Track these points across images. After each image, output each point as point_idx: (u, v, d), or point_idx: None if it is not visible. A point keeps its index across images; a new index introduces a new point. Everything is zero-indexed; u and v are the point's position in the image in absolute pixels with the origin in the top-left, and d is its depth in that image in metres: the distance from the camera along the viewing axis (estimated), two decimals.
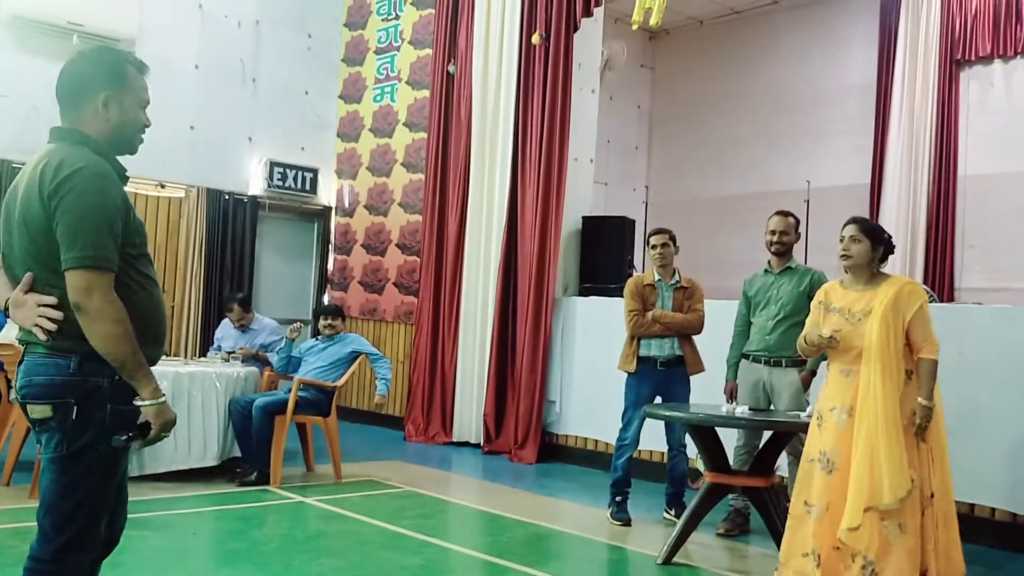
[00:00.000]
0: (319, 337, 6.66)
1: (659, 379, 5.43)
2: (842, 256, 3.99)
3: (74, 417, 2.25)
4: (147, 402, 2.28)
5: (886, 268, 4.13)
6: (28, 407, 2.29)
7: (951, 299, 9.01)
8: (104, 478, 2.32)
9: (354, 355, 6.49)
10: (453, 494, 6.43)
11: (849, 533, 3.67)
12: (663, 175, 11.98)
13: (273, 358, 6.75)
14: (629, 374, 5.48)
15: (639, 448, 5.68)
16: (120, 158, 2.44)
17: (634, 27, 7.19)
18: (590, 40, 8.19)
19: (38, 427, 2.31)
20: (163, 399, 2.31)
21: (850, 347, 3.87)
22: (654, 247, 5.47)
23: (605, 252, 7.84)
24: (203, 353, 8.15)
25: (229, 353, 6.86)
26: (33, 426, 2.33)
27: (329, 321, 6.60)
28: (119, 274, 2.27)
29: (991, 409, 5.10)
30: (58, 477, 2.27)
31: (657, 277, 5.49)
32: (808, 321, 4.19)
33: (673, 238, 5.52)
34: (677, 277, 5.50)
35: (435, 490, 6.22)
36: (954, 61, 9.47)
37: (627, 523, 5.36)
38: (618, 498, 5.44)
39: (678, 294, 5.46)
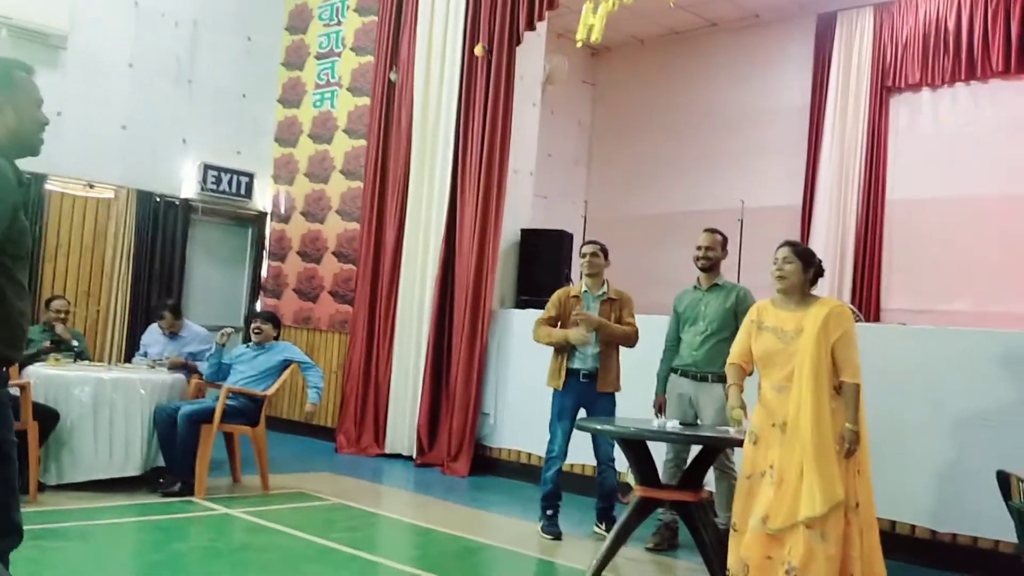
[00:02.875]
0: (250, 344, 6.52)
1: (581, 391, 5.43)
2: (777, 277, 4.11)
3: None
4: None
5: (816, 289, 4.25)
6: None
7: (877, 319, 9.26)
8: None
9: (285, 363, 6.37)
10: (384, 507, 6.36)
11: (778, 532, 3.80)
12: (602, 190, 12.09)
13: (202, 367, 6.59)
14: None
15: (570, 462, 5.69)
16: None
17: (578, 44, 7.24)
18: (533, 54, 8.23)
19: None
20: None
21: (784, 364, 3.99)
22: (584, 255, 5.56)
23: (543, 265, 7.86)
24: (128, 359, 7.92)
25: (155, 360, 6.69)
26: None
27: (258, 324, 6.47)
28: None
29: (913, 427, 5.24)
30: None
31: (584, 288, 5.55)
32: (737, 337, 4.31)
33: (604, 250, 5.58)
34: (605, 288, 5.54)
35: (365, 503, 6.14)
36: (885, 87, 9.77)
37: (557, 537, 5.36)
38: (548, 511, 5.44)
39: (605, 306, 5.50)
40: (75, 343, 6.56)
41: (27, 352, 6.27)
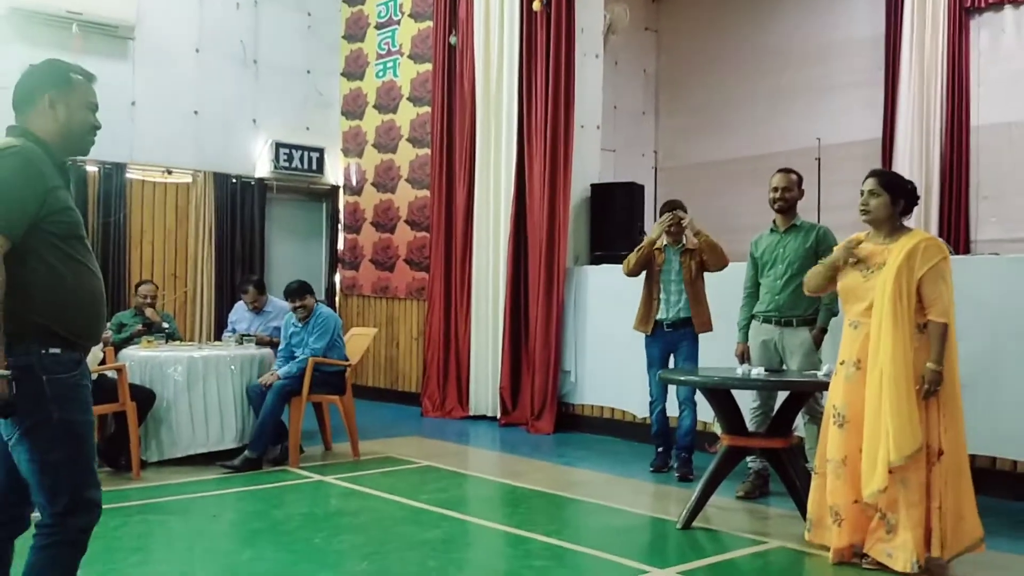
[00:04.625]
0: (296, 323, 6.35)
1: (667, 339, 5.77)
2: (862, 210, 3.91)
3: (15, 394, 2.38)
4: None
5: (908, 220, 4.03)
6: None
7: (967, 251, 8.91)
8: (72, 446, 2.46)
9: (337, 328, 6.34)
10: (471, 467, 6.45)
11: (875, 495, 3.63)
12: (671, 139, 11.87)
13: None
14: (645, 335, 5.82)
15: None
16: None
17: None
18: (593, 4, 8.07)
19: None
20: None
21: (862, 299, 3.81)
22: (666, 223, 5.68)
23: (615, 219, 7.77)
24: (217, 337, 8.17)
25: (243, 335, 6.87)
26: None
27: (296, 304, 6.26)
28: (37, 251, 2.43)
29: (1011, 360, 5.03)
30: (28, 455, 2.44)
31: (665, 242, 5.75)
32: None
33: (684, 208, 5.73)
34: (684, 242, 5.73)
35: (453, 464, 6.23)
36: (963, 9, 9.29)
37: (660, 468, 5.84)
38: (659, 448, 5.88)
39: (684, 256, 5.71)
40: (165, 325, 6.78)
41: (121, 336, 6.52)
